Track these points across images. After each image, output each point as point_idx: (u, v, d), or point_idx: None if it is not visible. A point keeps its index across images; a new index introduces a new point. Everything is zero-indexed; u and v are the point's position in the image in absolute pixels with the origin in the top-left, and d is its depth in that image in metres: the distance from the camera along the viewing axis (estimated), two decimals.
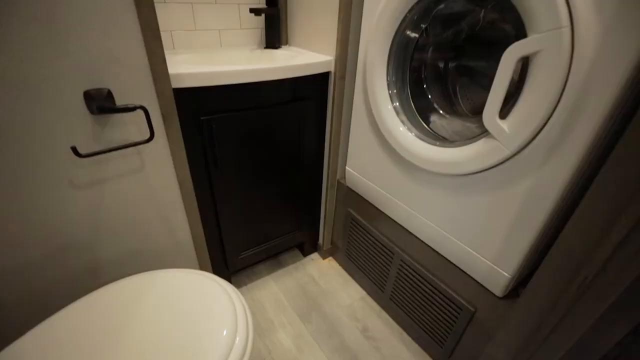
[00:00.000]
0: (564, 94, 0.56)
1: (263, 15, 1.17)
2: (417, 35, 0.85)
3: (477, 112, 0.94)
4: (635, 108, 0.53)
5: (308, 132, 1.12)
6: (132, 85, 0.71)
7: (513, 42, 0.59)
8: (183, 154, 0.84)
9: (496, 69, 0.63)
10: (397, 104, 0.88)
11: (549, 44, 0.55)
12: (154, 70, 0.72)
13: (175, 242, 0.96)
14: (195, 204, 0.93)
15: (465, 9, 0.84)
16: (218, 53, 1.11)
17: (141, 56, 0.70)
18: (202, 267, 1.05)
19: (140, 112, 0.74)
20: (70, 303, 0.67)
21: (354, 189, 1.20)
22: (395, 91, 0.88)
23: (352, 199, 1.22)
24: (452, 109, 0.98)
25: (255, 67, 0.87)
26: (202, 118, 0.88)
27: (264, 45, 1.22)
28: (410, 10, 0.78)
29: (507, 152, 0.66)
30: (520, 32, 0.60)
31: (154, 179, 0.84)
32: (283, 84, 0.97)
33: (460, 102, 0.99)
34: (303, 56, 1.05)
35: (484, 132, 0.71)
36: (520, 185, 0.68)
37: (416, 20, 0.83)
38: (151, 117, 0.75)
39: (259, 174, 1.08)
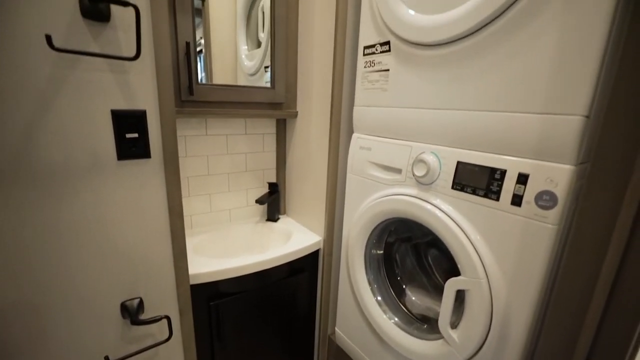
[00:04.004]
0: (493, 320, 0.74)
1: None
2: (382, 252, 1.10)
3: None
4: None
5: (302, 297, 1.28)
6: (159, 292, 0.90)
7: None
8: (192, 336, 0.98)
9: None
10: (380, 298, 1.06)
11: (474, 287, 0.75)
12: (178, 279, 0.92)
13: None
14: None
15: None
16: (228, 229, 1.34)
17: (170, 270, 0.90)
18: None
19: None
20: None
21: (343, 348, 1.30)
22: (376, 286, 1.07)
23: (343, 356, 1.31)
24: (430, 281, 1.15)
25: (258, 260, 1.08)
26: (211, 303, 1.04)
27: (266, 218, 1.46)
28: (371, 234, 1.03)
29: (460, 358, 0.80)
30: None
31: None
32: (280, 266, 1.17)
33: (435, 272, 1.18)
34: (297, 234, 1.28)
35: None
36: None
37: (377, 242, 1.08)
38: (171, 321, 0.91)
39: (257, 336, 1.20)
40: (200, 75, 1.25)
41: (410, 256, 1.20)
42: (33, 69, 0.64)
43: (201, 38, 1.28)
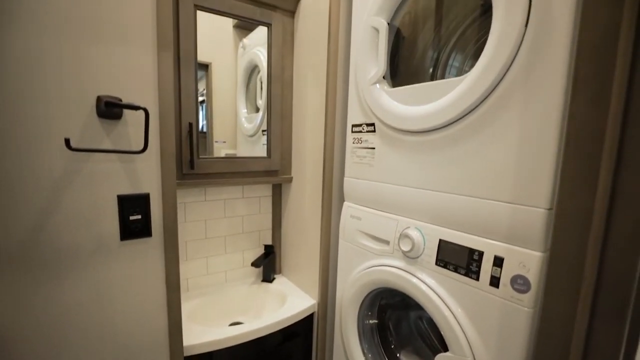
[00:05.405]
0: None
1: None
2: (375, 321, 1.12)
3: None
4: None
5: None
6: None
7: None
8: None
9: None
10: None
11: None
12: (172, 353, 0.93)
13: None
14: None
15: None
16: (223, 291, 1.36)
17: (164, 344, 0.92)
18: None
19: None
20: None
21: None
22: (370, 355, 1.08)
23: None
24: (426, 344, 1.15)
25: (253, 328, 1.09)
26: None
27: (262, 279, 1.48)
28: (363, 302, 1.06)
29: None
30: None
31: None
32: (275, 332, 1.17)
33: (431, 334, 1.18)
34: (292, 297, 1.30)
35: None
36: None
37: (370, 312, 1.11)
38: None
39: None
40: (202, 123, 1.33)
41: (408, 320, 1.21)
42: (49, 164, 0.71)
43: (204, 89, 1.37)
